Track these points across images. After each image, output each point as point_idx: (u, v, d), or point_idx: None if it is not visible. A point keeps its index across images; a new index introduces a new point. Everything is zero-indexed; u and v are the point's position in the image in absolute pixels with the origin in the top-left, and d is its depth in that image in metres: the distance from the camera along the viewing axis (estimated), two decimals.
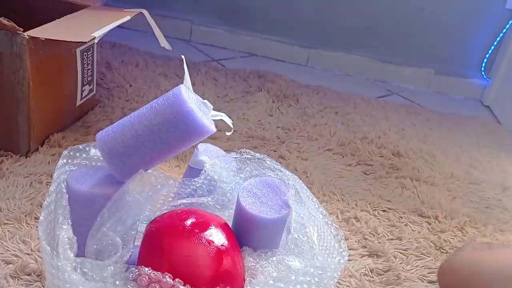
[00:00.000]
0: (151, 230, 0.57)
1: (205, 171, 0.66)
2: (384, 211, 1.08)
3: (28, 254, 0.81)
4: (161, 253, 0.54)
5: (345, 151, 1.31)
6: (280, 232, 0.63)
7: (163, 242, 0.55)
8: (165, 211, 0.62)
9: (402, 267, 0.92)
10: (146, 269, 0.50)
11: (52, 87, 1.08)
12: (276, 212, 0.61)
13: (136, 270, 0.51)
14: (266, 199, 0.62)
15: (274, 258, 0.58)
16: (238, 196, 0.62)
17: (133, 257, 0.58)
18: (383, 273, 0.90)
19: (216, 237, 0.56)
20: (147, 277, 0.49)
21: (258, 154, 0.69)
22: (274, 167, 0.68)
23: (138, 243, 0.58)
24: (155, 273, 0.50)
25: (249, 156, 0.68)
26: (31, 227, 0.86)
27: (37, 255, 0.80)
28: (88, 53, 1.16)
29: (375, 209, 1.08)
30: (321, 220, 0.63)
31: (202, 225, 0.57)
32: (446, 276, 0.87)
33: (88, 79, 1.20)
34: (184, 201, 0.64)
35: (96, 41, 1.02)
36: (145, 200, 0.60)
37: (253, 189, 0.63)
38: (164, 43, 1.20)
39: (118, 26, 1.09)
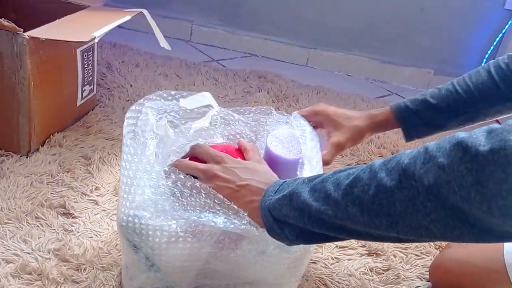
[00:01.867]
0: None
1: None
2: None
3: (28, 253, 0.81)
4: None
5: (345, 151, 1.31)
6: (292, 171, 0.78)
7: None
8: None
9: (402, 266, 0.93)
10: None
11: (53, 87, 1.08)
12: (293, 155, 0.76)
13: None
14: (288, 145, 0.77)
15: None
16: (266, 139, 0.79)
17: None
18: (383, 272, 0.91)
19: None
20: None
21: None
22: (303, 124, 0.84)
23: None
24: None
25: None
26: (31, 227, 0.87)
27: (38, 254, 0.81)
28: (89, 53, 1.17)
29: None
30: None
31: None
32: (437, 273, 0.89)
33: (89, 79, 1.21)
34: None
35: (96, 41, 1.02)
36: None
37: (280, 137, 0.79)
38: (164, 43, 1.20)
39: (119, 26, 1.09)
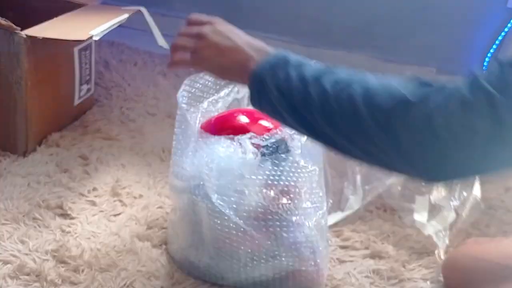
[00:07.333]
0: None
1: None
2: (386, 211, 1.07)
3: (26, 254, 0.80)
4: None
5: None
6: None
7: None
8: None
9: (404, 268, 0.92)
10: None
11: (50, 86, 1.07)
12: None
13: None
14: None
15: None
16: None
17: None
18: (385, 274, 0.90)
19: None
20: None
21: None
22: None
23: None
24: None
25: None
26: (29, 227, 0.86)
27: (35, 255, 0.80)
28: (86, 52, 1.16)
29: (378, 209, 1.07)
30: None
31: None
32: (450, 269, 0.88)
33: (86, 78, 1.20)
34: None
35: (95, 39, 1.01)
36: None
37: None
38: (161, 42, 1.19)
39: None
